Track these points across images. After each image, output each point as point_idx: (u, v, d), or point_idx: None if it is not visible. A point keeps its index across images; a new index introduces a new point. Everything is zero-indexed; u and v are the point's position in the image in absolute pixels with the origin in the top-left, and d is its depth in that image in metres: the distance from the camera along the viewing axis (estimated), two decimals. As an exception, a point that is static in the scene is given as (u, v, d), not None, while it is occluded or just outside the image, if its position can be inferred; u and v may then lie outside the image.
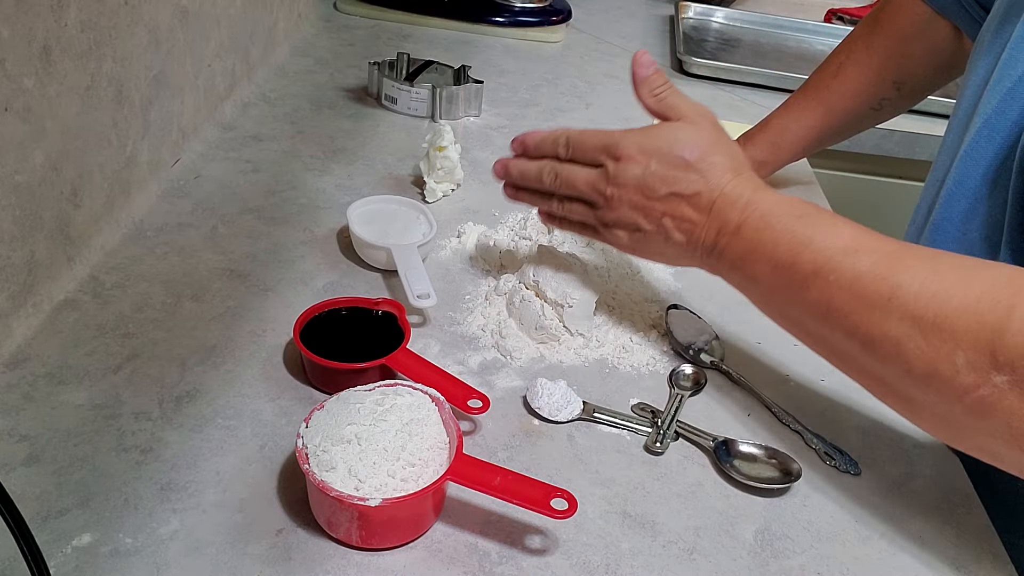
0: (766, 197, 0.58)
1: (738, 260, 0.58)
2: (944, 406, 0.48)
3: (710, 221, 0.59)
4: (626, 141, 0.60)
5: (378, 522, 0.50)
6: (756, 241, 0.56)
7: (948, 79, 0.86)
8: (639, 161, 0.60)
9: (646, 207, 0.60)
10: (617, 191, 0.61)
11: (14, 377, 0.60)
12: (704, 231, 0.59)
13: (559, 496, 0.51)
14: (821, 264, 0.52)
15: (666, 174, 0.59)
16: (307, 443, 0.51)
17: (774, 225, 0.56)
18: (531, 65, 1.23)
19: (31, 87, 0.60)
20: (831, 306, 0.52)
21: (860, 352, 0.51)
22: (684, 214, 0.59)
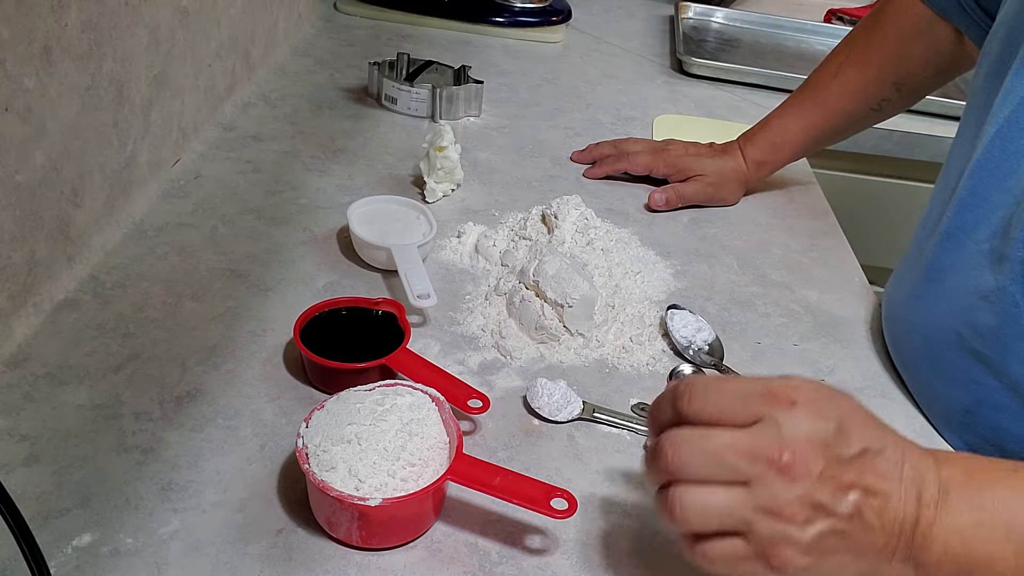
0: (948, 454, 0.45)
1: (962, 532, 0.42)
2: None
3: (904, 488, 0.42)
4: (794, 384, 0.43)
5: (378, 522, 0.50)
6: (978, 503, 0.42)
7: (948, 80, 0.86)
8: (818, 410, 0.42)
9: (835, 476, 0.42)
10: (799, 455, 0.41)
11: (14, 377, 0.60)
12: (900, 505, 0.42)
13: (559, 496, 0.51)
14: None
15: (852, 426, 0.42)
16: (307, 443, 0.51)
17: (994, 485, 0.42)
18: (531, 65, 1.23)
19: (31, 87, 0.60)
20: None
21: None
22: (871, 483, 0.42)
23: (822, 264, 0.86)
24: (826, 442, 0.42)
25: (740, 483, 0.42)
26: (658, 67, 1.30)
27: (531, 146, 1.01)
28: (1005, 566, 0.41)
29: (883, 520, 0.42)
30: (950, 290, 0.66)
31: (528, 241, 0.79)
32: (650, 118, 1.12)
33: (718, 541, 0.43)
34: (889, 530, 0.42)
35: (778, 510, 0.41)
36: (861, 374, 0.72)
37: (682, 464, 0.43)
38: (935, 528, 0.42)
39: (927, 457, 0.44)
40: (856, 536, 0.42)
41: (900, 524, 0.42)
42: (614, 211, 0.89)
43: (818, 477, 0.41)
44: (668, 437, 0.43)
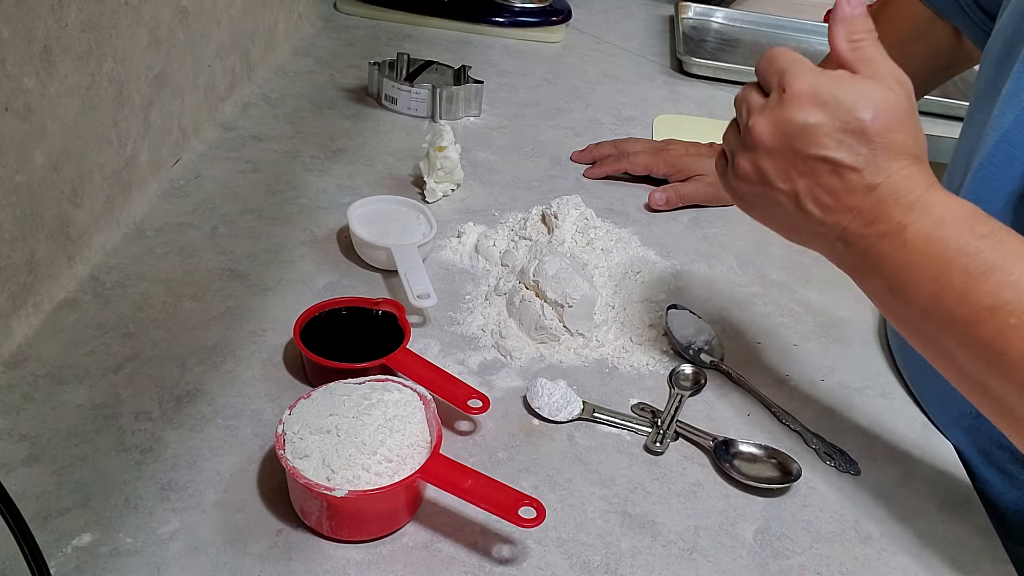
0: (941, 199, 0.48)
1: (890, 269, 0.48)
2: None
3: (863, 206, 0.48)
4: (803, 79, 0.49)
5: (346, 514, 0.51)
6: (920, 253, 0.47)
7: (947, 79, 0.86)
8: (802, 106, 0.48)
9: (783, 160, 0.49)
10: (760, 125, 0.50)
11: (14, 377, 0.60)
12: (848, 216, 0.49)
13: (528, 504, 0.50)
14: (1004, 302, 0.45)
15: (830, 133, 0.47)
16: (287, 429, 0.52)
17: (948, 239, 0.46)
18: (531, 65, 1.23)
19: (31, 87, 0.60)
20: (1005, 353, 0.45)
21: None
22: (827, 184, 0.49)
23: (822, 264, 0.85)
24: (788, 131, 0.49)
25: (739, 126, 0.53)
26: (658, 67, 1.30)
27: (531, 146, 1.01)
28: (921, 297, 0.47)
29: (824, 216, 0.49)
30: None
31: (528, 241, 0.79)
32: (650, 118, 1.12)
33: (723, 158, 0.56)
34: (825, 224, 0.50)
35: (736, 160, 0.52)
36: (861, 374, 0.72)
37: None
38: (872, 252, 0.49)
39: (910, 194, 0.47)
40: (791, 212, 0.51)
41: (840, 229, 0.49)
42: (614, 211, 0.89)
43: (769, 152, 0.50)
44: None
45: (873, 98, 0.47)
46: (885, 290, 0.50)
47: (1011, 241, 0.47)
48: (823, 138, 0.48)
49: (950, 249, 0.46)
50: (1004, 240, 0.47)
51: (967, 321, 0.46)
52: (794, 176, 0.49)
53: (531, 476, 0.58)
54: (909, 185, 0.47)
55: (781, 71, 0.50)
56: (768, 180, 0.51)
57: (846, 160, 0.48)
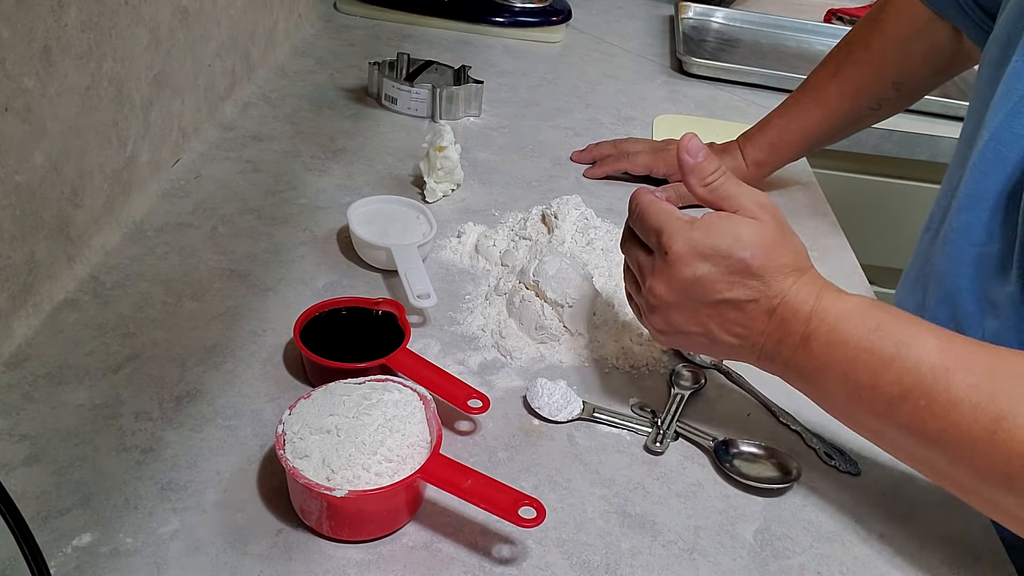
0: (833, 304, 0.52)
1: (805, 375, 0.53)
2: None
3: (769, 328, 0.53)
4: (679, 238, 0.53)
5: (346, 514, 0.51)
6: (827, 358, 0.51)
7: (947, 79, 0.86)
8: (688, 263, 0.53)
9: (690, 310, 0.54)
10: (657, 287, 0.55)
11: (14, 377, 0.60)
12: (762, 337, 0.54)
13: (528, 504, 0.50)
14: (908, 387, 0.48)
15: (720, 279, 0.53)
16: (287, 429, 0.52)
17: (847, 340, 0.50)
18: (531, 65, 1.23)
19: (31, 87, 0.60)
20: (926, 432, 0.48)
21: (970, 480, 0.49)
22: (735, 319, 0.54)
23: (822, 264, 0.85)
24: (683, 287, 0.53)
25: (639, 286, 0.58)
26: (658, 67, 1.30)
27: (531, 146, 1.01)
28: (839, 395, 0.52)
29: (743, 342, 0.54)
30: (953, 294, 0.66)
31: (528, 241, 0.79)
32: (650, 118, 1.12)
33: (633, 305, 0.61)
34: (747, 348, 0.55)
35: (649, 319, 0.58)
36: (861, 374, 0.72)
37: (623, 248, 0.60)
38: (790, 364, 0.53)
39: (804, 307, 0.52)
40: (718, 348, 0.56)
41: (760, 348, 0.54)
42: (614, 211, 0.89)
43: (675, 308, 0.55)
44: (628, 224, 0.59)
45: (745, 235, 0.52)
46: (810, 392, 0.54)
47: (902, 326, 0.50)
48: (716, 284, 0.53)
49: (849, 349, 0.50)
50: (895, 326, 0.50)
51: (883, 411, 0.50)
52: (703, 320, 0.54)
53: (531, 476, 0.58)
54: (803, 298, 0.52)
55: (657, 232, 0.54)
56: (682, 328, 0.56)
57: (742, 296, 0.53)
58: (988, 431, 0.46)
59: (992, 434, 0.46)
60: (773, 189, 0.98)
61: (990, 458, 0.46)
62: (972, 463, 0.47)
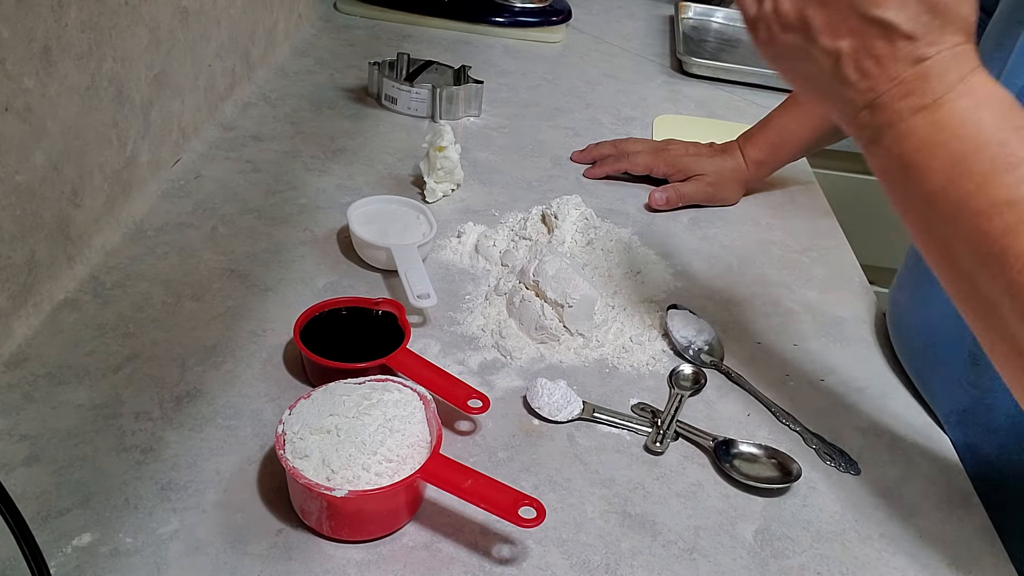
0: (986, 82, 0.45)
1: (912, 145, 0.45)
2: None
3: (904, 77, 0.44)
4: None
5: (346, 514, 0.51)
6: (951, 134, 0.44)
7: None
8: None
9: (836, 14, 0.45)
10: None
11: (14, 377, 0.60)
12: (886, 85, 0.45)
13: (528, 504, 0.50)
14: (1020, 197, 0.42)
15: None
16: (287, 429, 0.52)
17: (983, 124, 0.43)
18: (531, 65, 1.23)
19: (31, 87, 0.60)
20: (1007, 250, 0.42)
21: (1016, 318, 0.43)
22: (875, 49, 0.45)
23: (822, 264, 0.86)
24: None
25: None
26: (658, 67, 1.30)
27: (531, 146, 1.01)
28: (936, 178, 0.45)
29: (861, 82, 0.45)
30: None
31: (528, 241, 0.79)
32: (650, 118, 1.12)
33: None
34: (860, 91, 0.46)
35: (778, 2, 0.47)
36: (861, 374, 0.72)
37: None
38: (899, 126, 0.45)
39: (960, 69, 0.44)
40: (827, 73, 0.47)
41: (875, 98, 0.45)
42: (614, 211, 0.89)
43: (820, 1, 0.45)
44: None
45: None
46: (898, 168, 0.47)
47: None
48: (895, 5, 0.44)
49: (983, 134, 0.44)
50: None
51: (979, 211, 0.43)
52: (842, 33, 0.45)
53: (531, 476, 0.58)
54: (958, 62, 0.44)
55: None
56: (811, 32, 0.46)
57: (904, 26, 0.44)
58: None
59: None
60: (773, 189, 0.98)
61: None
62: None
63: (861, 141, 0.48)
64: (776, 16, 0.48)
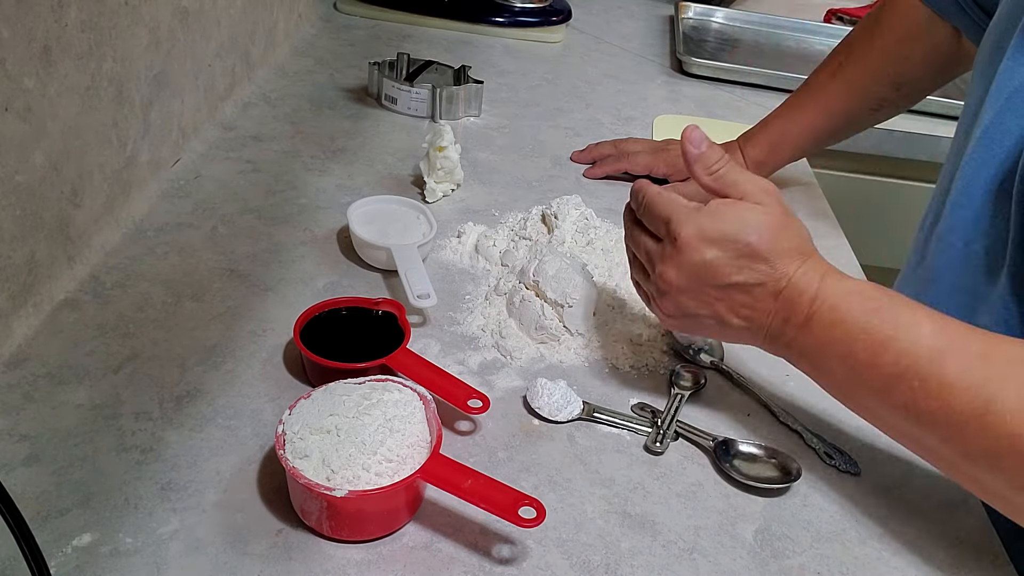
0: (835, 286, 0.53)
1: (808, 354, 0.55)
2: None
3: (776, 309, 0.55)
4: (688, 224, 0.55)
5: (346, 514, 0.51)
6: (828, 338, 0.53)
7: (947, 80, 0.86)
8: (697, 248, 0.55)
9: (700, 294, 0.56)
10: (667, 273, 0.56)
11: (14, 377, 0.60)
12: (768, 318, 0.55)
13: (528, 504, 0.50)
14: (904, 368, 0.49)
15: (728, 263, 0.54)
16: (287, 429, 0.52)
17: (846, 320, 0.52)
18: (531, 65, 1.23)
19: (31, 87, 0.60)
20: (919, 413, 0.50)
21: (959, 459, 0.50)
22: (743, 302, 0.55)
23: (822, 264, 0.86)
24: (693, 272, 0.55)
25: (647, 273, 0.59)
26: (658, 67, 1.30)
27: (531, 146, 1.01)
28: (838, 373, 0.54)
29: (750, 325, 0.56)
30: (948, 291, 0.66)
31: (528, 241, 0.79)
32: (650, 118, 1.12)
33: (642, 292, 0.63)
34: (754, 330, 0.56)
35: (658, 303, 0.59)
36: (861, 374, 0.72)
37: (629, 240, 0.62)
38: (794, 344, 0.55)
39: (809, 289, 0.53)
40: (726, 331, 0.57)
41: (766, 330, 0.56)
42: (614, 211, 0.89)
43: (685, 293, 0.56)
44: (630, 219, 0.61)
45: (751, 221, 0.54)
46: (812, 372, 0.56)
47: (899, 309, 0.51)
48: (725, 268, 0.54)
49: (848, 327, 0.52)
50: (893, 308, 0.51)
51: (880, 389, 0.51)
52: (712, 303, 0.56)
53: (531, 476, 0.58)
54: (808, 280, 0.54)
55: (666, 219, 0.56)
56: (691, 312, 0.57)
57: (750, 280, 0.54)
58: (978, 413, 0.47)
59: (982, 416, 0.47)
60: (773, 189, 0.98)
61: (979, 439, 0.48)
62: (962, 443, 0.49)
63: (784, 359, 0.57)
64: (661, 310, 0.59)
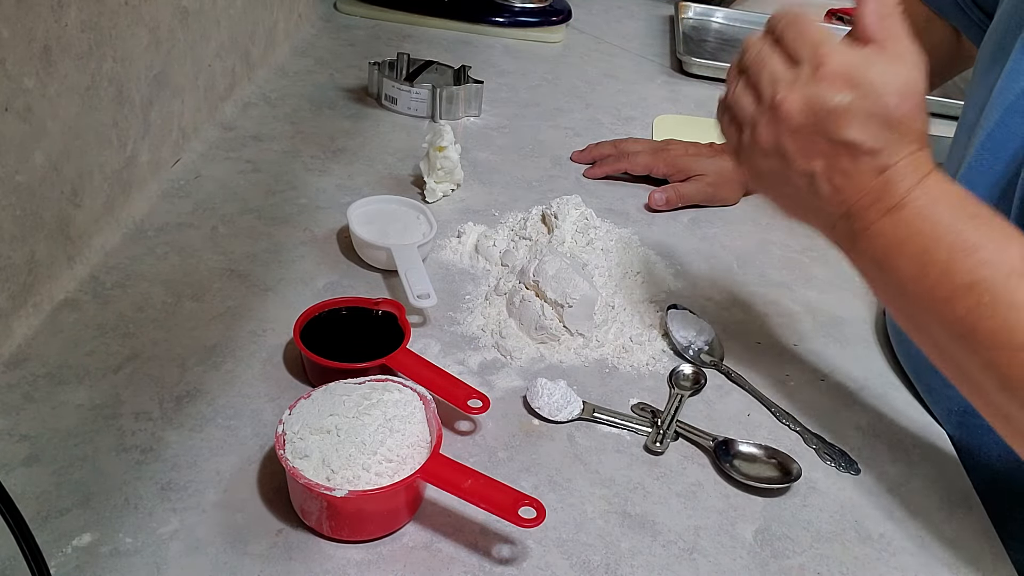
0: (939, 181, 0.50)
1: (882, 244, 0.50)
2: None
3: (871, 187, 0.49)
4: (837, 55, 0.49)
5: (346, 514, 0.51)
6: (913, 230, 0.49)
7: (946, 79, 0.86)
8: (837, 86, 0.48)
9: (807, 140, 0.50)
10: (790, 101, 0.49)
11: (14, 377, 0.60)
12: (857, 195, 0.50)
13: (528, 504, 0.50)
14: (979, 279, 0.47)
15: (857, 115, 0.48)
16: (287, 429, 0.52)
17: (939, 218, 0.48)
18: (531, 65, 1.23)
19: (31, 87, 0.60)
20: (975, 329, 0.47)
21: (994, 389, 0.48)
22: (844, 168, 0.50)
23: (822, 264, 0.86)
24: (818, 111, 0.49)
25: (757, 97, 0.52)
26: (658, 67, 1.30)
27: (531, 146, 1.01)
28: (906, 272, 0.50)
29: (834, 196, 0.50)
30: None
31: (528, 241, 0.79)
32: (650, 118, 1.12)
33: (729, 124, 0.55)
34: (835, 205, 0.51)
35: (757, 131, 0.52)
36: (861, 374, 0.72)
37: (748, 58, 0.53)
38: (871, 230, 0.50)
39: (916, 174, 0.49)
40: (804, 192, 0.51)
41: (849, 207, 0.50)
42: (614, 211, 0.89)
43: (794, 130, 0.50)
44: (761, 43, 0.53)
45: (898, 83, 0.48)
46: (874, 266, 0.52)
47: (997, 224, 0.49)
48: (852, 120, 0.48)
49: (939, 226, 0.48)
50: (990, 222, 0.49)
51: (944, 297, 0.48)
52: (814, 156, 0.50)
53: (531, 476, 0.58)
54: (915, 168, 0.49)
55: (815, 43, 0.49)
56: (787, 157, 0.51)
57: (867, 144, 0.49)
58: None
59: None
60: (773, 189, 0.98)
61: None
62: (1006, 370, 0.47)
63: (841, 247, 0.53)
64: (755, 144, 0.52)
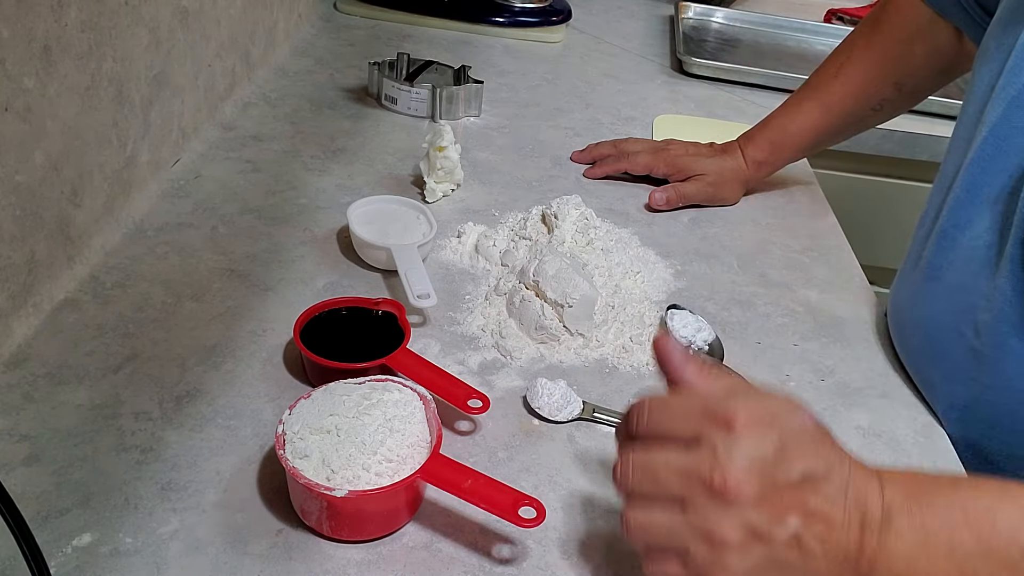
0: (889, 473, 0.44)
1: (904, 563, 0.42)
2: None
3: (849, 512, 0.42)
4: (738, 401, 0.43)
5: (345, 514, 0.51)
6: (919, 526, 0.42)
7: (949, 80, 0.86)
8: (761, 430, 0.42)
9: (772, 501, 0.41)
10: (732, 474, 0.41)
11: (14, 377, 0.60)
12: (845, 530, 0.42)
13: (528, 504, 0.50)
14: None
15: (797, 447, 0.42)
16: (287, 429, 0.52)
17: (934, 502, 0.42)
18: (531, 65, 1.23)
19: (31, 87, 0.60)
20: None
21: None
22: (815, 508, 0.42)
23: (822, 264, 0.86)
24: (763, 465, 0.41)
25: (678, 503, 0.42)
26: (658, 67, 1.30)
27: (531, 146, 1.01)
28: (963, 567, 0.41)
29: (825, 547, 0.42)
30: (948, 288, 0.66)
31: (528, 241, 0.79)
32: (650, 118, 1.12)
33: (661, 561, 0.44)
34: (832, 557, 0.42)
35: (712, 534, 0.42)
36: (861, 374, 0.72)
37: (629, 481, 0.44)
38: (880, 554, 0.42)
39: (871, 478, 0.43)
40: (797, 564, 0.42)
41: (844, 551, 0.42)
42: (614, 211, 0.89)
43: (754, 501, 0.41)
44: (623, 453, 0.45)
45: (781, 399, 0.45)
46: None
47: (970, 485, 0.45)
48: (796, 453, 0.42)
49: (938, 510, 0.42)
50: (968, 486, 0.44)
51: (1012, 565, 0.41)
52: (787, 513, 0.42)
53: (531, 476, 0.58)
54: (866, 474, 0.44)
55: (705, 409, 0.43)
56: (765, 534, 0.42)
57: (819, 468, 0.42)
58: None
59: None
60: (773, 189, 0.98)
61: None
62: None
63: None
64: (722, 551, 0.42)
